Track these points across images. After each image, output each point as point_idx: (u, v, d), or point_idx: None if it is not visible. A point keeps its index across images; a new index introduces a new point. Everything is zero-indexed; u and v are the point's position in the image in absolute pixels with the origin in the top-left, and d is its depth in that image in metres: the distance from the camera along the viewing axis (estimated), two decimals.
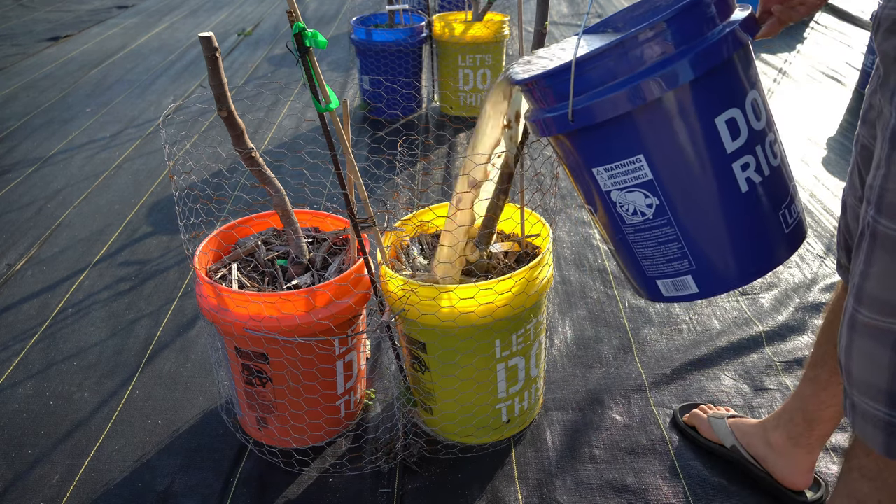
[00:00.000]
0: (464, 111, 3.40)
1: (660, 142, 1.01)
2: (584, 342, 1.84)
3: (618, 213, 1.09)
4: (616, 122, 1.00)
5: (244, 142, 1.36)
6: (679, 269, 1.10)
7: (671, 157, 1.02)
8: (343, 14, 5.58)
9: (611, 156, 1.05)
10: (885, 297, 0.86)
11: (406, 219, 1.61)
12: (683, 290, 1.12)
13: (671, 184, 1.03)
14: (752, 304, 1.96)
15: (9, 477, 1.50)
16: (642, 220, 1.07)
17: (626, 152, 1.03)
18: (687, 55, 0.95)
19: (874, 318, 0.87)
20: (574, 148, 1.09)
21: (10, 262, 2.32)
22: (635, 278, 1.16)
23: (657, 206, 1.05)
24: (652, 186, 1.04)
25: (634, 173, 1.04)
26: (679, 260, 1.08)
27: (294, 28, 1.14)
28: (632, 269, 1.15)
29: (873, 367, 0.88)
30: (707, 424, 1.49)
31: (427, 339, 1.40)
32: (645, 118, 1.00)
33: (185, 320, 1.99)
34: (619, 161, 1.04)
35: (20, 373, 1.81)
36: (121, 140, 3.31)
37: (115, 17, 5.94)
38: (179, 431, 1.60)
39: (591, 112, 1.00)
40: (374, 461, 1.50)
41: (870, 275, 0.88)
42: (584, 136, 1.05)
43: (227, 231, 1.60)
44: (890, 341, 0.86)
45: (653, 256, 1.10)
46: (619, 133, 1.02)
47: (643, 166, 1.03)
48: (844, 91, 3.56)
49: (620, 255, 1.16)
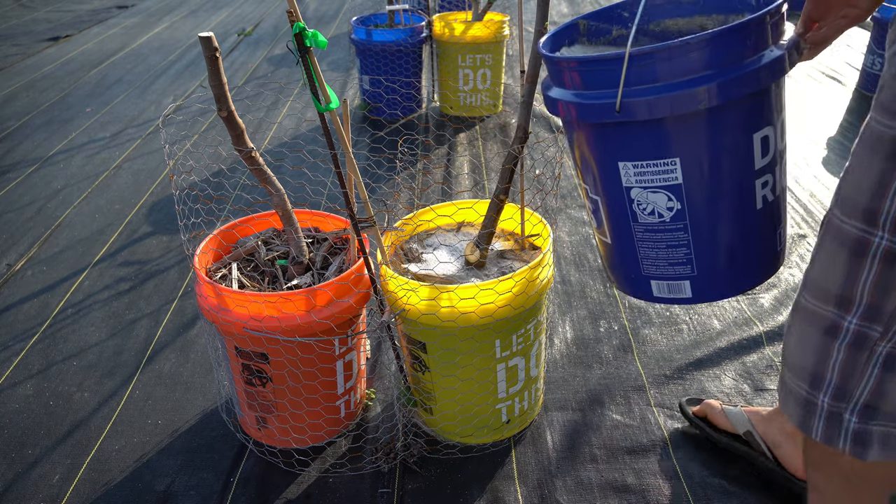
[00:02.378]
0: (464, 111, 3.40)
1: (699, 148, 1.00)
2: (584, 342, 1.84)
3: (632, 210, 1.07)
4: (662, 121, 0.98)
5: (244, 141, 1.36)
6: (679, 274, 1.10)
7: (706, 165, 1.01)
8: (343, 14, 5.58)
9: (646, 154, 1.02)
10: (822, 284, 0.91)
11: (406, 219, 1.61)
12: (676, 294, 1.13)
13: (698, 191, 1.02)
14: (752, 304, 1.96)
15: (9, 477, 1.50)
16: (657, 221, 1.06)
17: (662, 153, 1.01)
18: (752, 67, 0.93)
19: (812, 302, 0.93)
20: (604, 138, 1.05)
21: (10, 262, 2.32)
22: (626, 274, 1.15)
23: (677, 210, 1.04)
24: (678, 190, 1.03)
25: (664, 175, 1.03)
26: (682, 265, 1.09)
27: (294, 28, 1.14)
28: (626, 264, 1.14)
29: (804, 348, 0.94)
30: (721, 413, 1.46)
31: (427, 339, 1.40)
32: (693, 123, 0.98)
33: (185, 320, 1.99)
34: (652, 160, 1.02)
35: (20, 373, 1.81)
36: (121, 140, 3.31)
37: (115, 17, 5.94)
38: (179, 431, 1.60)
39: (642, 107, 0.96)
40: (374, 461, 1.50)
41: (815, 261, 0.93)
42: (623, 130, 1.02)
43: (228, 231, 1.60)
44: (821, 326, 0.91)
45: (656, 258, 1.10)
46: (663, 133, 1.00)
47: (676, 170, 1.01)
48: (844, 91, 3.56)
49: (617, 249, 1.14)
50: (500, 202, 1.43)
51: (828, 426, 0.94)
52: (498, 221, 1.47)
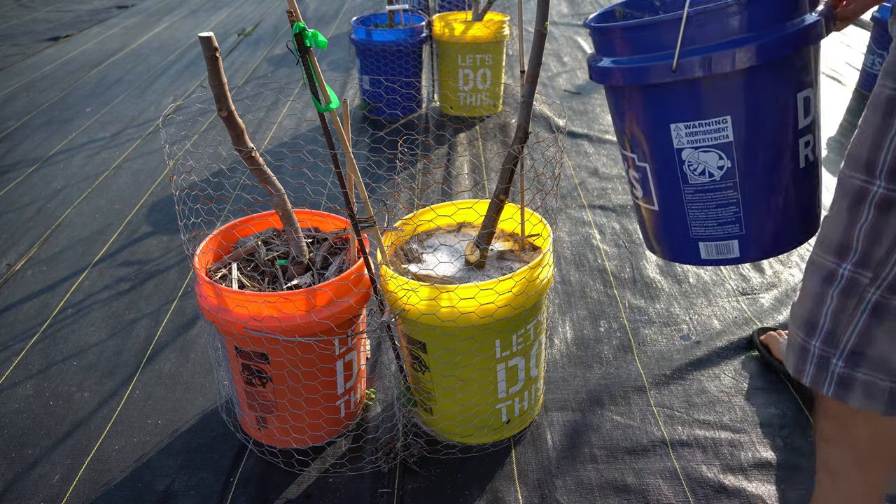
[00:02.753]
0: (464, 111, 3.40)
1: (750, 105, 1.05)
2: (584, 342, 1.84)
3: (683, 171, 1.12)
4: (715, 81, 1.03)
5: (244, 141, 1.36)
6: (728, 233, 1.14)
7: (755, 122, 1.06)
8: (343, 14, 5.58)
9: (698, 113, 1.07)
10: (828, 234, 0.99)
11: (406, 219, 1.61)
12: (725, 254, 1.17)
13: (747, 148, 1.07)
14: (752, 303, 1.96)
15: (9, 477, 1.50)
16: (708, 180, 1.11)
17: (714, 111, 1.06)
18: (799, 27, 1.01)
19: (818, 253, 1.01)
20: (656, 102, 1.09)
21: (10, 262, 2.32)
22: (674, 238, 1.19)
23: (728, 168, 1.09)
24: (729, 149, 1.08)
25: (716, 133, 1.07)
26: (731, 224, 1.13)
27: (294, 28, 1.14)
28: (674, 229, 1.18)
29: (806, 298, 1.02)
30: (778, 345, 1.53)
31: (427, 339, 1.40)
32: (745, 81, 1.03)
33: (185, 320, 1.99)
34: (704, 119, 1.07)
35: (20, 373, 1.81)
36: (121, 140, 3.31)
37: (115, 17, 5.94)
38: (179, 431, 1.60)
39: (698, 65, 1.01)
40: (374, 461, 1.50)
41: (826, 218, 1.02)
42: (676, 91, 1.06)
43: (228, 231, 1.60)
44: (821, 274, 1.00)
45: (705, 218, 1.14)
46: (715, 93, 1.04)
47: (727, 128, 1.06)
48: (844, 91, 3.56)
49: (665, 215, 1.18)
50: (500, 202, 1.43)
51: (817, 371, 1.00)
52: (498, 221, 1.47)
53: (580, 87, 3.76)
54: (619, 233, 2.34)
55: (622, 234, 2.34)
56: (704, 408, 1.62)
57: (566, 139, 3.11)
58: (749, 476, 1.44)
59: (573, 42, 4.52)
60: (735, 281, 2.07)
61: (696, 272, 2.11)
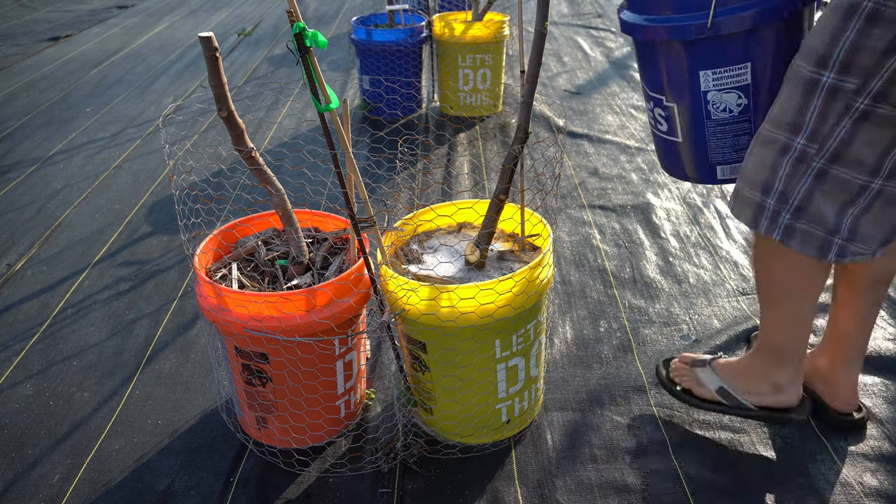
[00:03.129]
0: (464, 111, 3.40)
1: (767, 54, 1.29)
2: (584, 342, 1.84)
3: (707, 109, 1.36)
4: (740, 35, 1.26)
5: (244, 141, 1.36)
6: (741, 157, 1.39)
7: (769, 67, 1.30)
8: (343, 14, 5.58)
9: (724, 61, 1.31)
10: (780, 116, 1.22)
11: (406, 219, 1.61)
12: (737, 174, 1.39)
13: (761, 88, 1.32)
14: (752, 303, 1.96)
15: (9, 477, 1.50)
16: (728, 116, 1.36)
17: (737, 60, 1.30)
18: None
19: (771, 130, 1.24)
20: (690, 53, 1.32)
21: (10, 262, 2.32)
22: (694, 164, 1.45)
23: (745, 105, 1.34)
24: (747, 89, 1.32)
25: (738, 77, 1.32)
26: (744, 149, 1.38)
27: (294, 28, 1.14)
28: (696, 155, 1.44)
29: (760, 166, 1.26)
30: None
31: (427, 339, 1.40)
32: (766, 34, 1.27)
33: (185, 320, 1.99)
34: (728, 66, 1.31)
35: (20, 373, 1.81)
36: (121, 140, 3.31)
37: (115, 17, 5.94)
38: (179, 431, 1.60)
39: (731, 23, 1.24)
40: (374, 461, 1.50)
41: (777, 102, 1.24)
42: (706, 44, 1.29)
43: (228, 231, 1.60)
44: (776, 147, 1.23)
45: (723, 146, 1.39)
46: (739, 44, 1.28)
47: (747, 73, 1.31)
48: None
49: (689, 145, 1.43)
50: (500, 202, 1.43)
51: (770, 222, 1.26)
52: (498, 221, 1.47)
53: (580, 87, 3.76)
54: (619, 233, 2.34)
55: (622, 234, 2.34)
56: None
57: (566, 139, 3.11)
58: (749, 476, 1.44)
59: (573, 42, 4.53)
60: (735, 281, 2.07)
61: (695, 272, 2.11)
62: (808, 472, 1.44)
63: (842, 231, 1.22)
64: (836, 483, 1.41)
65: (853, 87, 1.12)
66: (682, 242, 2.28)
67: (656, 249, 2.25)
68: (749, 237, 2.28)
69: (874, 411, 1.58)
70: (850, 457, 1.47)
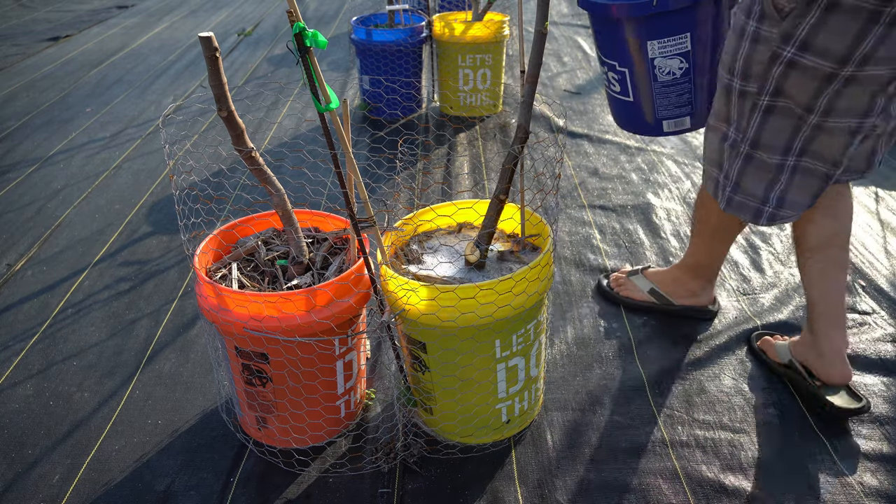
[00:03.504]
0: (464, 111, 3.40)
1: (703, 24, 1.58)
2: (584, 342, 1.84)
3: (654, 73, 1.64)
4: (681, 10, 1.55)
5: (244, 141, 1.36)
6: (683, 112, 1.71)
7: (705, 35, 1.60)
8: (343, 14, 5.58)
9: (667, 32, 1.59)
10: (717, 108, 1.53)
11: (406, 218, 1.61)
12: (680, 127, 1.73)
13: (698, 53, 1.62)
14: (752, 303, 1.96)
15: (9, 477, 1.50)
16: (671, 78, 1.65)
17: (679, 30, 1.59)
18: None
19: (713, 121, 1.55)
20: (640, 26, 1.60)
21: (10, 262, 2.32)
22: (645, 118, 1.73)
23: (685, 69, 1.63)
24: (687, 55, 1.62)
25: (678, 45, 1.60)
26: (685, 106, 1.70)
27: (294, 28, 1.14)
28: (646, 113, 1.72)
29: (712, 149, 1.58)
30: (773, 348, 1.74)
31: (427, 339, 1.40)
32: (701, 8, 1.56)
33: (185, 320, 1.99)
34: (671, 36, 1.59)
35: (20, 373, 1.81)
36: (121, 140, 3.31)
37: (115, 17, 5.95)
38: (179, 431, 1.60)
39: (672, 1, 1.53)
40: (374, 461, 1.50)
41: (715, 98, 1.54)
42: (653, 18, 1.57)
43: (228, 231, 1.60)
44: (718, 135, 1.54)
45: (668, 104, 1.69)
46: (680, 17, 1.56)
47: (686, 41, 1.60)
48: None
49: (638, 104, 1.72)
50: (500, 202, 1.43)
51: (720, 194, 1.58)
52: (498, 221, 1.47)
53: (580, 87, 3.76)
54: (619, 233, 2.34)
55: (622, 234, 2.34)
56: (704, 408, 1.62)
57: (566, 139, 3.11)
58: (749, 476, 1.44)
59: (573, 42, 4.52)
60: (735, 281, 2.07)
61: None
62: (808, 472, 1.44)
63: (771, 201, 1.50)
64: (836, 483, 1.41)
65: (755, 90, 1.41)
66: (683, 242, 2.28)
67: (656, 249, 2.25)
68: (748, 237, 2.28)
69: (874, 411, 1.58)
70: (850, 457, 1.47)
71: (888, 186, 2.61)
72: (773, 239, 2.27)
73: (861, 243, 2.24)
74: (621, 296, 1.97)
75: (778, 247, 2.23)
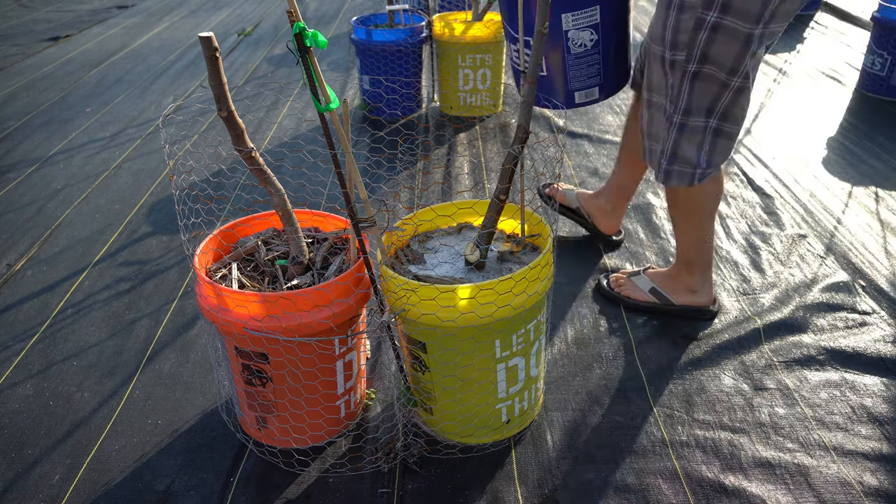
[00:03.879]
0: (464, 111, 3.40)
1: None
2: (584, 342, 1.84)
3: (567, 45, 1.75)
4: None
5: (244, 141, 1.36)
6: (593, 83, 1.83)
7: (613, 9, 1.74)
8: (343, 14, 5.58)
9: (580, 5, 1.71)
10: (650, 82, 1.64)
11: (406, 218, 1.61)
12: (591, 97, 1.86)
13: (607, 26, 1.74)
14: (752, 303, 1.96)
15: (9, 477, 1.50)
16: (583, 50, 1.76)
17: (590, 3, 1.71)
18: None
19: (648, 95, 1.65)
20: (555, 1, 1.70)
21: (10, 262, 2.32)
22: (560, 90, 1.84)
23: (595, 40, 1.75)
24: (597, 27, 1.73)
25: (589, 18, 1.72)
26: (595, 76, 1.82)
27: (294, 28, 1.14)
28: (560, 85, 1.83)
29: (655, 124, 1.67)
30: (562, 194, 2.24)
31: (427, 339, 1.40)
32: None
33: (185, 320, 1.99)
34: (583, 9, 1.71)
35: (20, 373, 1.81)
36: (121, 140, 3.31)
37: (115, 17, 5.95)
38: (179, 431, 1.60)
39: None
40: (374, 461, 1.50)
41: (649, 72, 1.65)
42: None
43: (228, 231, 1.60)
44: (659, 109, 1.64)
45: (580, 76, 1.81)
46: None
47: (596, 14, 1.72)
48: (844, 91, 3.56)
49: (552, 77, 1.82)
50: (500, 202, 1.43)
51: (657, 167, 1.70)
52: (498, 221, 1.47)
53: None
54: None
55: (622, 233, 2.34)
56: (704, 408, 1.62)
57: (566, 139, 3.11)
58: (749, 476, 1.44)
59: None
60: (735, 281, 2.07)
61: None
62: (807, 472, 1.44)
63: (701, 163, 1.65)
64: (836, 483, 1.42)
65: (683, 58, 1.53)
66: None
67: (656, 249, 2.25)
68: (748, 237, 2.28)
69: (874, 411, 1.58)
70: (850, 457, 1.47)
71: (888, 186, 2.61)
72: (773, 239, 2.27)
73: (861, 243, 2.24)
74: (622, 295, 1.97)
75: (778, 247, 2.23)
